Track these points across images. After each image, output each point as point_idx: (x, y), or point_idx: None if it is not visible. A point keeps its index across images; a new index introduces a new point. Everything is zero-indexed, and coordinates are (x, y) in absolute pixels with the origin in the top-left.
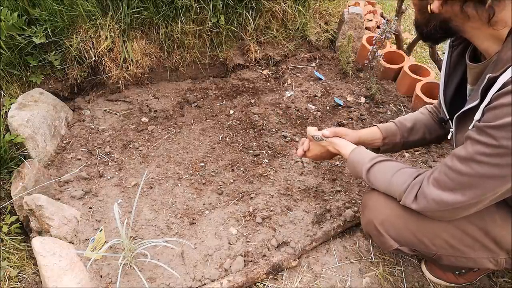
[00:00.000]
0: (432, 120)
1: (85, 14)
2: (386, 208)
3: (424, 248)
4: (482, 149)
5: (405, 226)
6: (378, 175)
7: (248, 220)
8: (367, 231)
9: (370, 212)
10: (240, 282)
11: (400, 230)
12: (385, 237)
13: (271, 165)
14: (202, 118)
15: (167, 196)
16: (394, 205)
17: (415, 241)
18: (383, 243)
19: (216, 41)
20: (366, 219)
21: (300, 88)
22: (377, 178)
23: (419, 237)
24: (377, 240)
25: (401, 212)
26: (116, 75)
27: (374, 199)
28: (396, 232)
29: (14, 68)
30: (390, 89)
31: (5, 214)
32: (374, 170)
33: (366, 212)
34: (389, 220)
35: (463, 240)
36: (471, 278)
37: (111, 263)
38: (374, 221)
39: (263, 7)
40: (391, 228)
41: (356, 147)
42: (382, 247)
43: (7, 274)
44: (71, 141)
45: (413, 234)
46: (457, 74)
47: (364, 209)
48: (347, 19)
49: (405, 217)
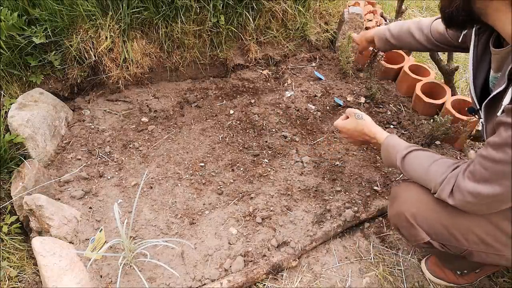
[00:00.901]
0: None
1: (85, 14)
2: (418, 200)
3: (455, 243)
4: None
5: (438, 220)
6: (414, 163)
7: (248, 220)
8: (396, 223)
9: (401, 204)
10: (240, 282)
11: (433, 223)
12: (417, 229)
13: (271, 165)
14: (202, 118)
15: (167, 196)
16: (427, 198)
17: (447, 235)
18: (413, 236)
19: (216, 41)
20: (396, 210)
21: (300, 88)
22: (412, 166)
23: (452, 231)
24: (407, 232)
25: (434, 205)
26: (116, 75)
27: (406, 191)
28: (428, 225)
29: (14, 68)
30: (390, 89)
31: (5, 214)
32: (410, 157)
33: (396, 204)
34: (422, 213)
35: (497, 237)
36: (472, 279)
37: (111, 263)
38: (406, 213)
39: (263, 7)
40: (423, 221)
41: (393, 134)
42: (412, 239)
43: (7, 274)
44: (71, 141)
45: (446, 228)
46: (485, 64)
47: (394, 201)
48: (347, 19)
49: (439, 211)
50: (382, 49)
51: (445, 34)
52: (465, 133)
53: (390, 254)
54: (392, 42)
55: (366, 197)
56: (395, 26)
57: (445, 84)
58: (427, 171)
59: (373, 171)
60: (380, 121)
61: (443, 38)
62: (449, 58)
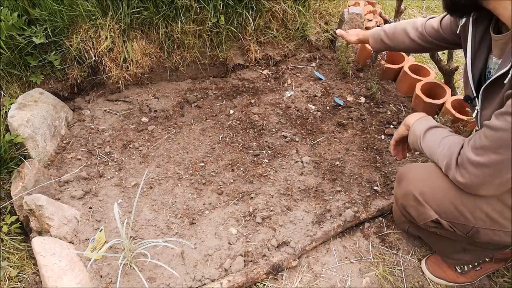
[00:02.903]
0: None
1: (85, 14)
2: (426, 178)
3: (463, 221)
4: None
5: (447, 197)
6: (429, 140)
7: (248, 220)
8: (404, 202)
9: (410, 183)
10: (240, 282)
11: (441, 200)
12: (425, 207)
13: (271, 165)
14: (202, 118)
15: (167, 196)
16: (435, 175)
17: (455, 212)
18: (422, 214)
19: (216, 41)
20: (404, 190)
21: (300, 88)
22: (428, 144)
23: (460, 209)
24: (415, 211)
25: (442, 182)
26: (116, 75)
27: (413, 170)
28: (436, 203)
29: (14, 68)
30: (390, 89)
31: (5, 214)
32: (427, 135)
33: (404, 184)
34: (430, 190)
35: (503, 213)
36: (472, 277)
37: (111, 263)
38: (414, 192)
39: (263, 7)
40: (431, 199)
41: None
42: (420, 218)
43: (7, 274)
44: (71, 141)
45: (454, 205)
46: (483, 51)
47: (401, 181)
48: (347, 19)
49: (447, 188)
50: (376, 50)
51: (439, 30)
52: (465, 133)
53: (390, 254)
54: (387, 42)
55: (366, 197)
56: (389, 27)
57: (445, 84)
58: (438, 146)
59: (373, 171)
60: (380, 121)
61: (438, 34)
62: (449, 58)
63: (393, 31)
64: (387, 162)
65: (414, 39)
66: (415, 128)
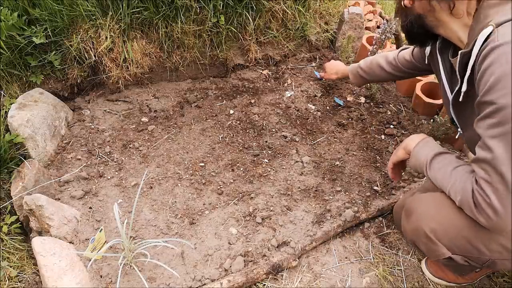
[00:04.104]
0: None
1: (85, 14)
2: (438, 214)
3: (477, 254)
4: (490, 121)
5: (460, 233)
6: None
7: (248, 220)
8: (414, 239)
9: (419, 218)
10: (240, 282)
11: (454, 237)
12: (437, 245)
13: (271, 165)
14: (202, 118)
15: (167, 196)
16: (446, 210)
17: (469, 247)
18: (433, 251)
19: (216, 41)
20: (413, 226)
21: (300, 88)
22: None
23: (474, 243)
24: (426, 248)
25: (454, 218)
26: (116, 75)
27: (422, 204)
28: (449, 239)
29: (14, 68)
30: (390, 89)
31: (5, 214)
32: (434, 164)
33: (413, 219)
34: (442, 227)
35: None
36: (472, 278)
37: (111, 263)
38: (425, 229)
39: (263, 7)
40: (443, 236)
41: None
42: (432, 255)
43: (7, 274)
44: (71, 141)
45: (468, 240)
46: (455, 77)
47: (410, 215)
48: (347, 19)
49: (459, 223)
50: (356, 84)
51: (412, 60)
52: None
53: (390, 254)
54: (365, 77)
55: (366, 197)
56: (365, 63)
57: None
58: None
59: (373, 171)
60: (380, 121)
61: (411, 65)
62: None
63: (369, 67)
64: (387, 162)
65: (389, 72)
66: (418, 154)
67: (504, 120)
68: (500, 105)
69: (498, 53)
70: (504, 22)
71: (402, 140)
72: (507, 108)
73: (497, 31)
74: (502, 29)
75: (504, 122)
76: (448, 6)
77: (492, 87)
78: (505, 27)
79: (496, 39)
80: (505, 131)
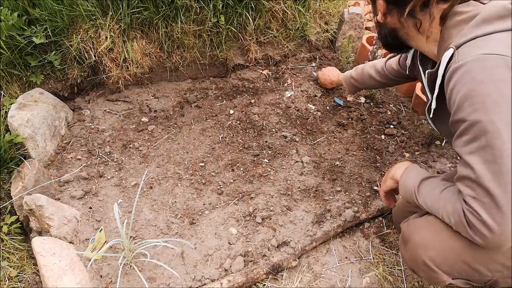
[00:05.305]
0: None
1: (85, 14)
2: (434, 240)
3: (478, 276)
4: (465, 137)
5: (459, 258)
6: (426, 194)
7: (248, 220)
8: (413, 267)
9: (416, 247)
10: (240, 282)
11: (453, 262)
12: (437, 273)
13: (271, 165)
14: (202, 118)
15: (167, 196)
16: (442, 236)
17: (470, 271)
18: (433, 279)
19: (216, 41)
20: (411, 254)
21: (300, 88)
22: (425, 200)
23: (475, 266)
24: (426, 275)
25: (451, 243)
26: (116, 75)
27: (418, 232)
28: (448, 266)
29: (14, 68)
30: (390, 89)
31: (5, 214)
32: (422, 190)
33: (410, 246)
34: (440, 254)
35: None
36: None
37: (111, 263)
38: (423, 257)
39: (263, 7)
40: (442, 263)
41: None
42: (432, 282)
43: (7, 274)
44: (71, 141)
45: (467, 264)
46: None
47: (406, 243)
48: (347, 19)
49: (457, 248)
50: (351, 93)
51: (399, 69)
52: None
53: (390, 254)
54: (357, 85)
55: (366, 197)
56: (356, 73)
57: None
58: (438, 202)
59: (373, 171)
60: (380, 121)
61: (398, 73)
62: None
63: (360, 76)
64: (387, 162)
65: (379, 80)
66: (405, 183)
67: (478, 134)
68: (471, 121)
69: (460, 73)
70: (463, 43)
71: (402, 140)
72: (479, 123)
73: (457, 53)
74: (462, 50)
75: (478, 136)
76: (415, 24)
77: (460, 105)
78: (465, 47)
79: (457, 61)
80: (481, 145)
